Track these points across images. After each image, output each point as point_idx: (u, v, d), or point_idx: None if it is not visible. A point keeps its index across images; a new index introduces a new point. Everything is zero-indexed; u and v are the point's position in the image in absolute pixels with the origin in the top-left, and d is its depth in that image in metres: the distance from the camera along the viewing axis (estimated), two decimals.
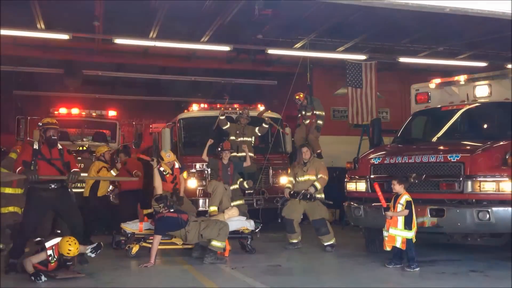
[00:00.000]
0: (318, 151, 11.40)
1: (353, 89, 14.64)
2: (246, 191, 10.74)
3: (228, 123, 11.33)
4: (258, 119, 11.63)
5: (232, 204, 9.62)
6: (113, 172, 10.24)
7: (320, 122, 11.33)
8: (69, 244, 6.73)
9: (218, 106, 12.55)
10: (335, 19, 13.52)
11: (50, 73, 18.60)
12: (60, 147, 7.52)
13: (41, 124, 7.57)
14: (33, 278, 6.57)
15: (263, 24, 13.39)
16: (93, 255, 7.25)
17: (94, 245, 7.25)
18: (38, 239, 7.26)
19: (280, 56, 16.55)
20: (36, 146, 7.32)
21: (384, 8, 9.01)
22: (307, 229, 9.62)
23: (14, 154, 8.99)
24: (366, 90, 14.67)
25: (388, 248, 6.98)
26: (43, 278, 6.58)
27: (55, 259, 6.73)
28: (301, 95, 11.49)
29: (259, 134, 11.50)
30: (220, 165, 9.97)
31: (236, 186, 10.29)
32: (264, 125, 11.38)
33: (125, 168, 10.74)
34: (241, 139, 11.10)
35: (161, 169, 9.15)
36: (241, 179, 10.43)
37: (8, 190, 8.71)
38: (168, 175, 9.17)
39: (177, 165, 9.35)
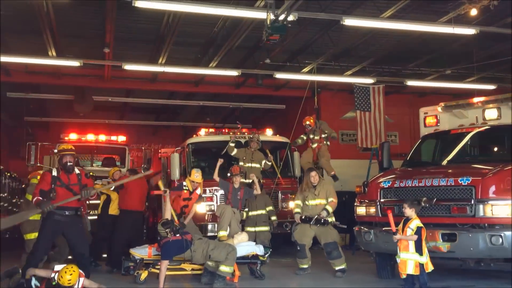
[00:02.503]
0: (332, 173, 11.35)
1: (361, 113, 14.64)
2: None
3: (235, 149, 11.29)
4: (265, 145, 11.66)
5: (255, 229, 9.89)
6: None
7: (334, 135, 11.61)
8: (70, 274, 6.44)
9: (227, 130, 12.61)
10: (342, 44, 13.65)
11: (60, 99, 18.86)
12: (77, 171, 7.61)
13: (56, 151, 7.64)
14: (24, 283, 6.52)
15: (271, 49, 13.53)
16: None
17: None
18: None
19: (288, 80, 16.69)
20: (55, 173, 7.42)
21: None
22: (317, 254, 9.52)
23: (35, 180, 9.09)
24: (374, 114, 14.66)
25: (403, 276, 6.87)
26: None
27: (54, 283, 6.55)
28: (311, 120, 11.51)
29: (264, 168, 11.40)
30: (231, 188, 9.87)
31: (264, 212, 10.33)
32: (267, 162, 11.34)
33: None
34: (249, 165, 11.03)
35: (184, 183, 9.29)
36: (271, 208, 10.50)
37: (34, 217, 8.74)
38: (185, 191, 9.17)
39: (199, 191, 9.35)
